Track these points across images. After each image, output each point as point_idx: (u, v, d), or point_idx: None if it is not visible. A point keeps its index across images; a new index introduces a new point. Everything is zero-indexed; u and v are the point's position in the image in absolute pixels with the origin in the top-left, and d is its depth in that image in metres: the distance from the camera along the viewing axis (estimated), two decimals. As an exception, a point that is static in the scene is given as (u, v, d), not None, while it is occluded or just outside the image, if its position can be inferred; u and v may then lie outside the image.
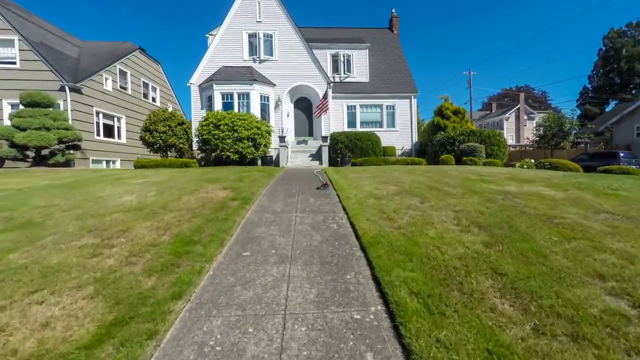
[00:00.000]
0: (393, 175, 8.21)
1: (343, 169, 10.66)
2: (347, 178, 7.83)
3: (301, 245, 3.63)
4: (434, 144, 16.22)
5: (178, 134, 12.78)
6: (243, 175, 8.22)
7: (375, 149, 14.43)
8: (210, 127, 12.72)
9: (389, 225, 3.99)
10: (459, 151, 14.89)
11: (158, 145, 12.57)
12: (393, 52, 20.30)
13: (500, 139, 15.11)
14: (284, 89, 15.98)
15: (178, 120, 12.92)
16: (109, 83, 17.50)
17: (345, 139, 14.17)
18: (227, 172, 9.09)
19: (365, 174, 8.72)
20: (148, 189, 6.38)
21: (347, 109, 17.73)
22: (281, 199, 5.88)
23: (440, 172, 8.76)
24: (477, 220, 4.02)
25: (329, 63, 18.14)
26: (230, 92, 14.98)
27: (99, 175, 8.87)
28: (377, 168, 10.72)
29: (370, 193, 5.79)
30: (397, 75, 18.91)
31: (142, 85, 20.62)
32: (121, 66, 18.53)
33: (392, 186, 6.40)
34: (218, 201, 5.27)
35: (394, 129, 17.86)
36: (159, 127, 12.43)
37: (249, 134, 12.69)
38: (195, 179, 7.61)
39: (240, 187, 6.48)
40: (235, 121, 12.75)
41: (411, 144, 18.02)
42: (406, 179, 7.24)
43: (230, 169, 10.50)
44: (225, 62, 15.71)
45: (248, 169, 10.08)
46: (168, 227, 3.94)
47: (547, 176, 7.67)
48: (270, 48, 16.00)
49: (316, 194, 6.33)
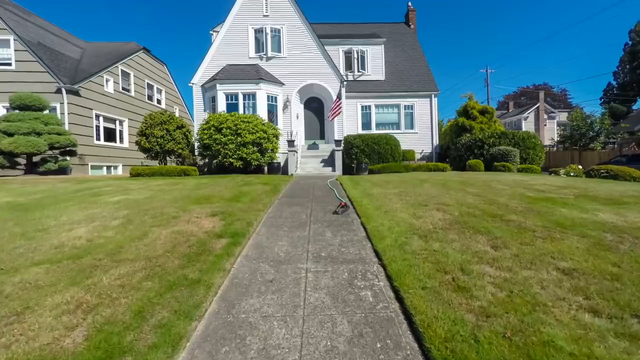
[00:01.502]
0: (425, 189, 6.45)
1: (360, 179, 8.95)
2: (371, 195, 6.12)
3: (317, 352, 1.97)
4: (458, 147, 14.30)
5: (177, 138, 11.34)
6: (242, 191, 6.62)
7: (394, 153, 12.64)
8: (212, 131, 11.22)
9: (464, 306, 2.28)
10: (488, 155, 12.95)
11: (155, 152, 11.15)
12: (410, 48, 18.41)
13: (536, 141, 13.09)
14: (293, 89, 14.36)
15: (177, 123, 11.47)
16: (110, 85, 16.27)
17: (361, 143, 12.44)
18: (225, 185, 7.52)
19: (390, 187, 6.99)
20: (117, 214, 4.84)
21: (361, 110, 16.00)
22: (286, 231, 4.24)
23: (483, 185, 6.94)
24: (630, 304, 2.25)
25: (342, 60, 16.43)
26: (234, 92, 13.46)
27: (77, 188, 7.44)
28: (400, 177, 8.96)
29: (410, 225, 4.08)
30: (416, 73, 17.04)
31: (147, 87, 19.39)
32: (123, 67, 17.30)
33: (435, 211, 4.67)
34: (198, 240, 3.65)
35: (412, 130, 16.03)
36: (156, 131, 11.01)
37: (253, 138, 11.12)
38: (183, 197, 6.05)
39: (233, 211, 4.86)
40: (239, 124, 11.20)
41: (431, 148, 16.13)
42: (447, 198, 5.48)
43: (231, 179, 8.94)
44: (230, 60, 14.21)
45: (250, 180, 8.49)
46: (93, 308, 2.33)
47: (637, 192, 5.75)
48: (278, 44, 14.41)
49: (334, 221, 4.66)
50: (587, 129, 25.26)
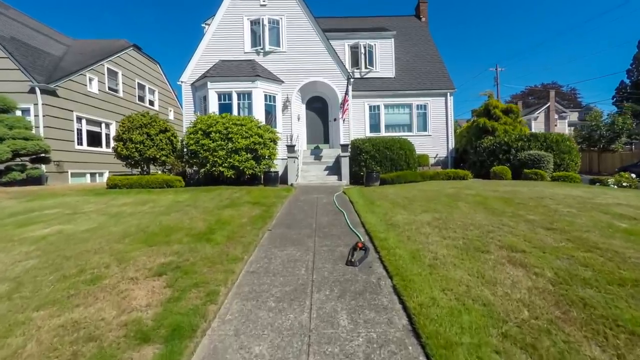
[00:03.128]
0: (466, 214, 4.67)
1: (374, 192, 7.17)
2: (396, 225, 4.33)
3: None
4: (479, 151, 12.47)
5: (160, 144, 9.63)
6: (221, 218, 4.86)
7: (409, 159, 10.82)
8: (199, 136, 9.49)
9: None
10: (516, 161, 11.11)
11: (135, 159, 9.45)
12: (422, 42, 16.57)
13: (571, 144, 11.22)
14: (293, 87, 12.61)
15: (160, 126, 9.76)
16: (94, 84, 14.61)
17: (371, 148, 10.63)
18: (204, 207, 5.78)
19: (416, 207, 5.21)
20: (13, 271, 3.12)
21: (369, 110, 14.20)
22: (272, 308, 2.48)
23: (536, 205, 5.13)
24: None
25: (347, 56, 14.65)
26: (227, 91, 11.74)
27: (16, 210, 5.74)
28: (421, 190, 7.16)
29: (485, 306, 2.30)
30: (428, 69, 15.20)
31: (137, 87, 17.72)
32: (110, 65, 15.63)
33: (510, 266, 2.88)
34: (96, 354, 1.91)
35: (425, 133, 14.20)
36: (134, 135, 9.30)
37: (247, 144, 9.37)
38: (139, 230, 4.31)
39: (195, 264, 3.11)
40: (230, 127, 9.46)
41: (447, 151, 14.30)
42: (509, 234, 3.68)
43: (217, 194, 7.20)
44: (223, 56, 12.48)
45: (239, 197, 6.74)
46: None
47: None
48: (276, 37, 12.65)
49: (349, 283, 2.89)
50: (608, 129, 23.23)
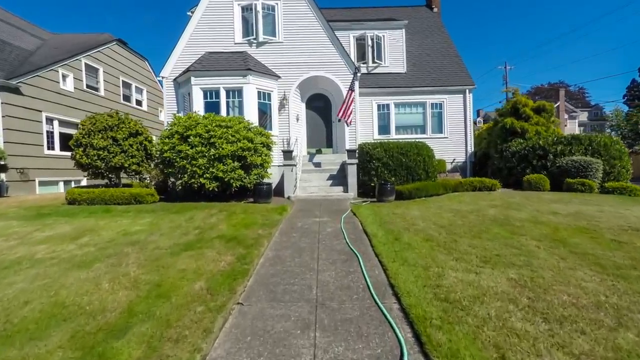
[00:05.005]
0: (552, 265, 2.77)
1: (394, 215, 5.27)
2: (457, 304, 2.43)
3: None
4: (506, 156, 10.54)
5: (129, 150, 7.76)
6: (170, 276, 2.96)
7: (428, 167, 8.90)
8: (175, 140, 7.61)
9: None
10: (554, 168, 9.18)
11: (98, 169, 7.59)
12: (435, 34, 14.64)
13: (621, 148, 9.27)
14: (291, 83, 10.71)
15: (130, 129, 7.89)
16: (68, 81, 12.77)
17: (383, 154, 8.72)
18: (154, 250, 3.90)
19: (472, 255, 3.31)
20: None
21: (377, 110, 12.31)
22: None
23: (634, 240, 3.24)
24: None
25: (353, 49, 12.75)
26: (215, 87, 9.86)
27: None
28: (457, 214, 5.25)
29: None
30: (443, 63, 13.28)
31: (122, 85, 15.87)
32: (88, 60, 13.78)
33: None
34: None
35: (441, 135, 12.29)
36: (96, 140, 7.45)
37: (233, 150, 7.49)
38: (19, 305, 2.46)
39: None
40: (213, 130, 7.58)
41: (465, 156, 12.37)
42: None
43: (187, 220, 5.31)
44: (210, 47, 10.60)
45: (212, 227, 4.84)
46: None
47: None
48: (272, 25, 10.76)
49: None
50: (631, 129, 21.20)
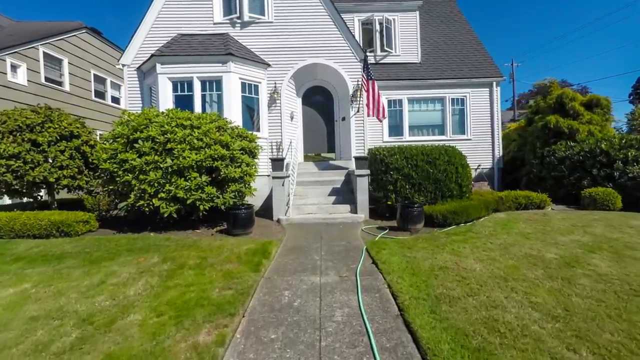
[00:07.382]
0: None
1: (446, 274, 2.99)
2: None
3: None
4: (550, 162, 8.31)
5: (58, 158, 5.49)
6: None
7: (462, 179, 6.61)
8: (117, 145, 5.33)
9: None
10: (625, 179, 6.91)
11: (9, 186, 5.27)
12: (452, 20, 12.38)
13: None
14: (284, 73, 8.45)
15: (60, 130, 5.59)
16: (20, 73, 10.47)
17: (403, 162, 6.42)
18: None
19: None
20: None
21: (387, 107, 10.02)
22: None
23: None
24: None
25: (358, 35, 10.48)
26: (187, 77, 7.59)
27: None
28: (541, 264, 2.97)
29: None
30: (464, 52, 11.02)
31: (94, 80, 13.56)
32: (49, 49, 11.46)
33: None
34: None
35: (463, 136, 10.04)
36: (5, 145, 5.18)
37: (200, 159, 5.21)
38: None
39: None
40: (172, 131, 5.31)
41: (492, 161, 10.13)
42: None
43: (96, 284, 3.02)
44: (184, 28, 8.33)
45: (122, 309, 2.54)
46: None
47: None
48: (260, 1, 8.48)
49: None
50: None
